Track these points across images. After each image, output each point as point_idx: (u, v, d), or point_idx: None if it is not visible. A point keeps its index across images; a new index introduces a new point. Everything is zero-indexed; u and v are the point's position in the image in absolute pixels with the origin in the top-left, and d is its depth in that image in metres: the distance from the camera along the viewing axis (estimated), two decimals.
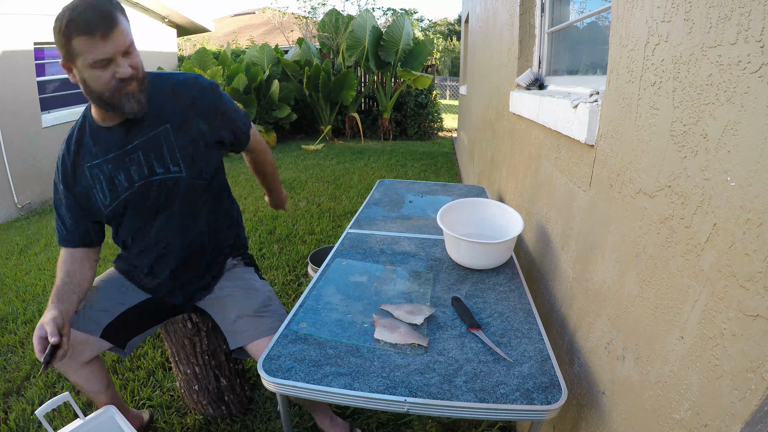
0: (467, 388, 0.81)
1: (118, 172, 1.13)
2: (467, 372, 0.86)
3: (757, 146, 0.49)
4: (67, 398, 1.18)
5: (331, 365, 0.88)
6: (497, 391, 0.80)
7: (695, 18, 0.60)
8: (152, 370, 1.80)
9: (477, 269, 1.29)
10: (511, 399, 0.79)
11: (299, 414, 1.56)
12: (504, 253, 1.28)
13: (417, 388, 0.82)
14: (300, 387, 0.83)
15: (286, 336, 0.98)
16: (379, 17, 19.69)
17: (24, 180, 4.45)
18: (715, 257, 0.56)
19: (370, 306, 1.10)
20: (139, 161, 1.13)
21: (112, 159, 1.12)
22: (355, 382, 0.83)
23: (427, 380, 0.83)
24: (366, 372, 0.86)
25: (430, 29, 26.55)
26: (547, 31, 1.77)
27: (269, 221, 3.58)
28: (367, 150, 7.12)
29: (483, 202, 1.51)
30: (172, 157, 1.15)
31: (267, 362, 0.89)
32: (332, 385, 0.83)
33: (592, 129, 0.98)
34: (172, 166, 1.16)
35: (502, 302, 1.12)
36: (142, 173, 1.14)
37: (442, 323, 1.03)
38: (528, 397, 0.79)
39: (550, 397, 0.79)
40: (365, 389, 0.82)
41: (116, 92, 1.01)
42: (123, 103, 1.03)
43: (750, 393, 0.48)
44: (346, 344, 0.95)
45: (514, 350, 0.93)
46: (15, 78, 4.28)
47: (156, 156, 1.14)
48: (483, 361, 0.89)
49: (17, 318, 2.24)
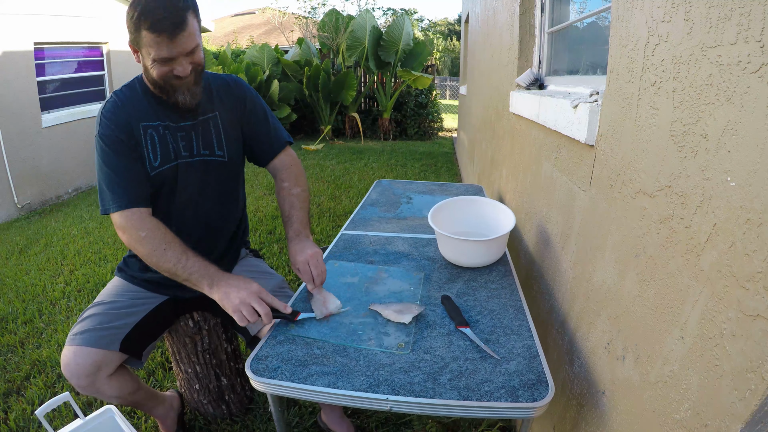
0: (451, 386, 0.82)
1: (168, 141, 1.16)
2: (452, 370, 0.86)
3: (757, 146, 0.49)
4: (67, 398, 1.18)
5: (317, 365, 0.89)
6: (481, 389, 0.81)
7: (695, 18, 0.60)
8: (152, 370, 1.80)
9: (469, 267, 1.29)
10: (495, 396, 0.79)
11: (299, 414, 1.56)
12: (496, 250, 1.28)
13: (400, 386, 0.82)
14: (286, 386, 0.85)
15: (275, 337, 0.99)
16: (379, 17, 19.70)
17: (24, 180, 4.45)
18: (715, 257, 0.56)
19: (361, 306, 1.10)
20: (189, 138, 1.19)
21: (165, 127, 1.15)
22: (339, 381, 0.84)
23: (411, 378, 0.84)
24: (351, 371, 0.87)
25: (430, 29, 26.55)
26: (547, 31, 1.77)
27: (269, 221, 3.59)
28: (367, 150, 7.12)
29: (475, 200, 1.50)
30: (218, 142, 1.23)
31: (255, 362, 0.90)
32: (316, 384, 0.84)
33: (592, 129, 0.98)
34: (216, 150, 1.23)
35: (493, 299, 1.12)
36: (191, 150, 1.19)
37: (431, 322, 1.03)
38: (513, 394, 0.79)
39: (536, 394, 0.79)
40: (348, 388, 0.82)
41: (173, 85, 1.07)
42: (176, 94, 1.09)
43: (750, 393, 0.48)
44: (333, 344, 0.96)
45: (503, 347, 0.92)
46: (15, 78, 4.28)
47: (204, 138, 1.21)
48: (469, 359, 0.89)
49: (17, 318, 2.24)
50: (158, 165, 1.14)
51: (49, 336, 2.06)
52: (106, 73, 5.50)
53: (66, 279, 2.67)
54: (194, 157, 1.20)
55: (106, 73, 5.51)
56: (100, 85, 5.52)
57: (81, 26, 4.98)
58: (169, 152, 1.16)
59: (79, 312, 2.25)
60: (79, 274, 2.73)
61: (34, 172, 4.57)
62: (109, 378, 1.17)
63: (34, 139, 4.54)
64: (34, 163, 4.57)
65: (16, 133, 4.32)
